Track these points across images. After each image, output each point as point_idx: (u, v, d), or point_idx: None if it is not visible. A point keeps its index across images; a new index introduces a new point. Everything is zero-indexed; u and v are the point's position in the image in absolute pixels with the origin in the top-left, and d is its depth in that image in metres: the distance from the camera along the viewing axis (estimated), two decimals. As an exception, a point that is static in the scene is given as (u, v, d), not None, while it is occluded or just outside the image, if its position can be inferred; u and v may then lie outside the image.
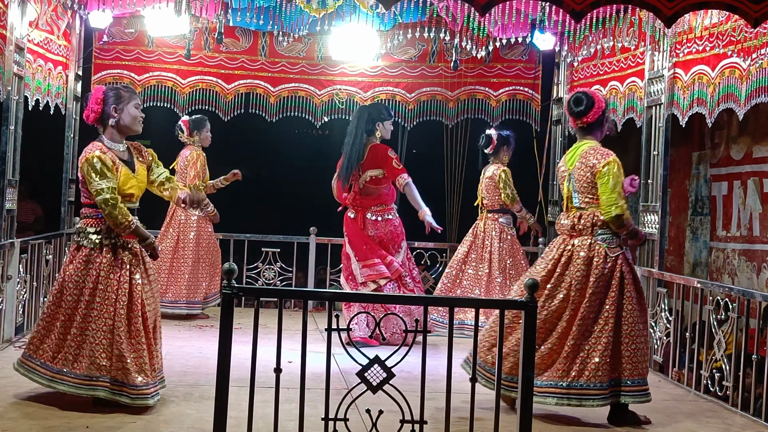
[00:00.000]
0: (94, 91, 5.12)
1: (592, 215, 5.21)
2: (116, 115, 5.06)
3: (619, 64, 7.92)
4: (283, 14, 7.88)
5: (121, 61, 9.05)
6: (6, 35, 6.53)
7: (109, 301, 4.95)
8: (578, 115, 5.31)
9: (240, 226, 9.56)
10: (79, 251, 5.04)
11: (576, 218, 5.25)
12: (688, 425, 5.33)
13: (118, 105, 5.06)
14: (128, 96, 5.11)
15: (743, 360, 5.67)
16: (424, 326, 3.75)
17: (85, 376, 4.92)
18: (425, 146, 10.89)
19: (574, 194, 5.28)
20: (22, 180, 7.35)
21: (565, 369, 5.11)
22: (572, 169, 5.30)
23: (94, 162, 4.94)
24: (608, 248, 5.18)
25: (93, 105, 5.05)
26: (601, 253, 5.17)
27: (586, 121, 5.30)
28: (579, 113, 5.30)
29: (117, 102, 5.06)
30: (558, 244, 5.33)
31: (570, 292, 5.17)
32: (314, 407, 3.90)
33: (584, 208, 5.25)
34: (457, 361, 3.95)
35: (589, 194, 5.24)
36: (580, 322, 5.13)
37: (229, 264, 3.72)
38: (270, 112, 9.27)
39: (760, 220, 8.21)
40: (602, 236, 5.20)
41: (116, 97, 5.07)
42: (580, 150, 5.31)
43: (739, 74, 6.02)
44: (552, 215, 9.36)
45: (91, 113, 5.07)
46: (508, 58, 9.37)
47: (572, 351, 5.12)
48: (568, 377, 5.10)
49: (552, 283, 5.21)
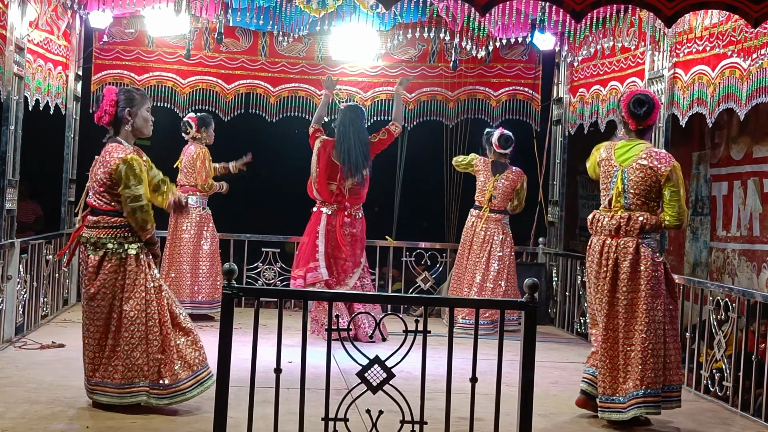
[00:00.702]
0: (107, 93, 5.04)
1: (643, 218, 5.11)
2: (130, 119, 5.02)
3: (619, 64, 7.92)
4: (283, 14, 7.88)
5: (121, 61, 9.06)
6: (6, 35, 6.53)
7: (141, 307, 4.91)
8: (641, 117, 5.17)
9: (240, 226, 9.56)
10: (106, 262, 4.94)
11: (623, 219, 5.12)
12: (688, 425, 5.33)
13: (132, 108, 5.02)
14: (141, 99, 5.08)
15: (743, 360, 5.68)
16: (425, 326, 3.75)
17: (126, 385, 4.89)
18: (425, 146, 10.89)
19: (626, 194, 5.15)
20: (22, 180, 7.35)
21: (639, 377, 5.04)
22: (626, 168, 5.15)
23: (134, 165, 4.88)
24: (653, 252, 5.12)
25: (107, 107, 4.99)
26: (648, 257, 5.09)
27: (648, 124, 5.21)
28: (642, 116, 5.17)
29: (131, 105, 5.02)
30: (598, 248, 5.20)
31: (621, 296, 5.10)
32: (314, 407, 3.90)
33: (633, 209, 5.14)
34: (458, 362, 3.93)
35: (643, 197, 5.12)
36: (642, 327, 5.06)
37: (229, 264, 3.73)
38: (270, 112, 9.28)
39: (760, 220, 8.21)
40: (648, 240, 5.13)
41: (130, 100, 5.03)
42: (636, 150, 5.17)
43: (740, 74, 6.02)
44: (552, 215, 9.37)
45: (105, 115, 5.00)
46: (508, 58, 9.37)
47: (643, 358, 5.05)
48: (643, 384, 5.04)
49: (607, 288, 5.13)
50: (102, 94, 5.07)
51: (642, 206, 5.13)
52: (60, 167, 8.69)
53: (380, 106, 9.34)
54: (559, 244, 9.29)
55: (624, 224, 5.12)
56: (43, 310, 7.67)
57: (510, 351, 3.86)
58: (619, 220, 5.14)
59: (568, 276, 8.77)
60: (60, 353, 6.47)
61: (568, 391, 6.05)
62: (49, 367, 5.96)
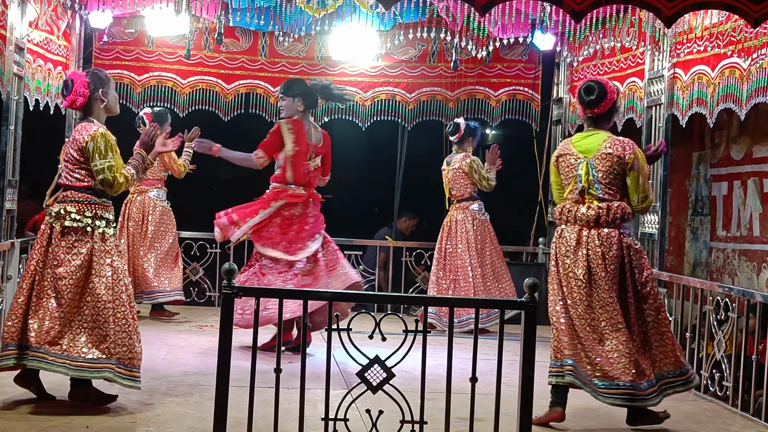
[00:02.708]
0: (76, 77, 5.10)
1: (621, 207, 5.09)
2: (105, 99, 5.10)
3: (619, 64, 7.92)
4: (283, 14, 7.88)
5: (121, 61, 9.05)
6: (6, 35, 6.53)
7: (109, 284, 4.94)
8: (589, 104, 5.17)
9: (240, 226, 9.53)
10: (67, 236, 4.96)
11: (602, 210, 5.08)
12: (688, 425, 5.33)
13: (104, 88, 5.11)
14: (108, 79, 5.18)
15: (743, 360, 5.68)
16: (425, 326, 3.75)
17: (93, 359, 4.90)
18: (425, 146, 10.88)
19: (597, 185, 5.13)
20: (22, 180, 7.35)
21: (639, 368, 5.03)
22: (591, 159, 5.13)
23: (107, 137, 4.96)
24: (633, 241, 5.14)
25: (80, 89, 5.04)
26: (631, 246, 5.10)
27: (597, 112, 5.18)
28: (590, 103, 5.16)
29: (102, 85, 5.11)
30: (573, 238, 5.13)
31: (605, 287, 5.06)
32: (314, 407, 3.90)
33: (609, 199, 5.12)
34: (458, 362, 3.93)
35: (614, 186, 5.12)
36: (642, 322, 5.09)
37: (229, 264, 3.73)
38: (270, 112, 9.27)
39: (760, 220, 8.21)
40: (627, 230, 5.16)
41: (101, 81, 5.12)
42: (597, 139, 5.17)
43: (739, 74, 6.02)
44: (552, 215, 9.36)
45: (79, 97, 5.05)
46: (508, 58, 9.37)
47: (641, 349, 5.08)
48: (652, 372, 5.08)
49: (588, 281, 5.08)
50: (69, 80, 5.10)
51: (615, 195, 5.13)
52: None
53: (380, 106, 9.33)
54: (559, 244, 9.27)
55: (603, 214, 5.09)
56: (43, 310, 7.66)
57: (510, 351, 3.86)
58: (597, 211, 5.09)
59: (568, 276, 8.75)
60: (60, 353, 6.46)
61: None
62: (49, 367, 5.95)
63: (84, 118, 5.13)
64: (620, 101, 5.40)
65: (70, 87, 5.07)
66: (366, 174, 12.27)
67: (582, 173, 5.15)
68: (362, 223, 11.52)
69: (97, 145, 4.94)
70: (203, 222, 8.37)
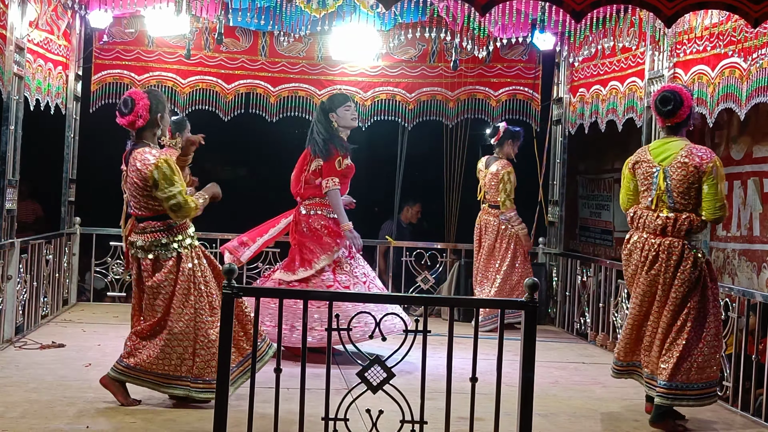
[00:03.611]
0: (138, 97, 4.98)
1: (689, 219, 5.10)
2: (161, 124, 5.04)
3: (619, 64, 7.92)
4: (283, 14, 7.88)
5: (121, 61, 9.05)
6: (6, 35, 6.53)
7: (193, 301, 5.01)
8: (667, 115, 5.17)
9: (240, 227, 9.54)
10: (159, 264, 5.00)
11: (670, 220, 5.10)
12: (688, 425, 5.32)
13: (162, 112, 5.03)
14: (165, 102, 5.11)
15: (743, 360, 5.68)
16: (425, 326, 3.75)
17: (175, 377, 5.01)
18: (425, 146, 10.89)
19: (670, 193, 5.13)
20: (22, 180, 7.35)
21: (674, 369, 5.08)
22: (666, 166, 5.14)
23: (170, 164, 4.93)
24: (698, 253, 5.13)
25: (142, 111, 4.93)
26: (690, 258, 5.10)
27: (675, 121, 5.19)
28: (668, 113, 5.17)
29: (162, 110, 5.03)
30: (640, 246, 5.21)
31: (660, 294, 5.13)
32: (314, 407, 3.90)
33: (680, 210, 5.12)
34: (458, 361, 3.93)
35: (687, 195, 5.11)
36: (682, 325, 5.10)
37: (229, 264, 3.72)
38: (270, 112, 9.27)
39: (760, 220, 8.21)
40: (694, 241, 5.15)
41: (162, 105, 5.04)
42: (673, 147, 5.17)
43: (739, 74, 6.02)
44: (552, 215, 9.37)
45: (139, 120, 4.95)
46: (508, 58, 9.37)
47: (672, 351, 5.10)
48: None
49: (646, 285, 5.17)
50: (130, 99, 4.98)
51: (687, 206, 5.12)
52: (60, 167, 8.68)
53: (380, 106, 9.33)
54: (559, 244, 9.29)
55: (670, 225, 5.11)
56: (43, 310, 7.68)
57: (510, 351, 3.86)
58: (665, 220, 5.13)
59: (568, 276, 8.77)
60: (60, 353, 6.47)
61: (568, 391, 6.06)
62: (49, 367, 5.96)
63: (138, 142, 5.01)
64: (694, 106, 5.38)
65: (131, 107, 4.94)
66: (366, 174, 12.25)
67: (658, 181, 5.17)
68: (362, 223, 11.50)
69: (162, 172, 4.88)
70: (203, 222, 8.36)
